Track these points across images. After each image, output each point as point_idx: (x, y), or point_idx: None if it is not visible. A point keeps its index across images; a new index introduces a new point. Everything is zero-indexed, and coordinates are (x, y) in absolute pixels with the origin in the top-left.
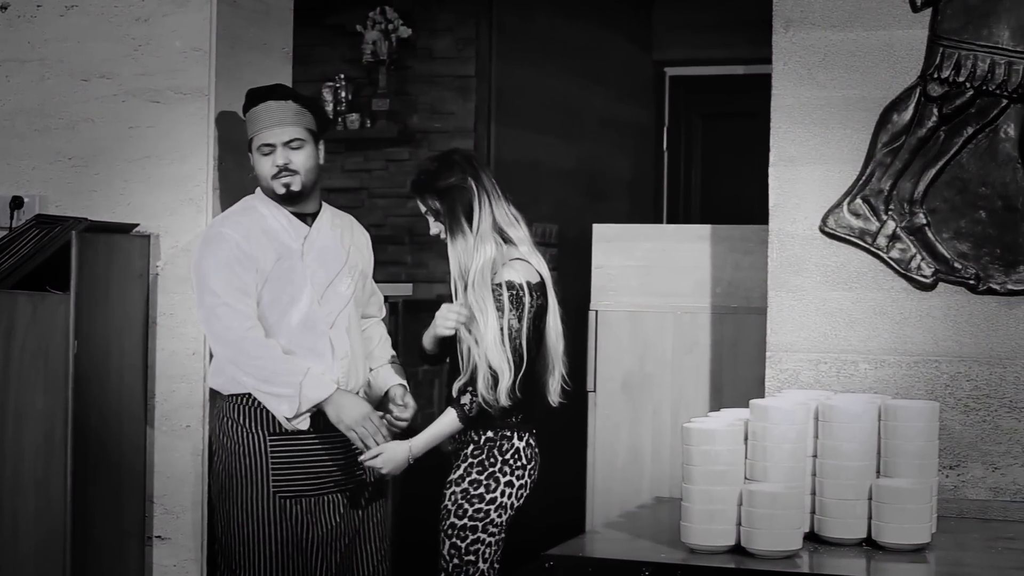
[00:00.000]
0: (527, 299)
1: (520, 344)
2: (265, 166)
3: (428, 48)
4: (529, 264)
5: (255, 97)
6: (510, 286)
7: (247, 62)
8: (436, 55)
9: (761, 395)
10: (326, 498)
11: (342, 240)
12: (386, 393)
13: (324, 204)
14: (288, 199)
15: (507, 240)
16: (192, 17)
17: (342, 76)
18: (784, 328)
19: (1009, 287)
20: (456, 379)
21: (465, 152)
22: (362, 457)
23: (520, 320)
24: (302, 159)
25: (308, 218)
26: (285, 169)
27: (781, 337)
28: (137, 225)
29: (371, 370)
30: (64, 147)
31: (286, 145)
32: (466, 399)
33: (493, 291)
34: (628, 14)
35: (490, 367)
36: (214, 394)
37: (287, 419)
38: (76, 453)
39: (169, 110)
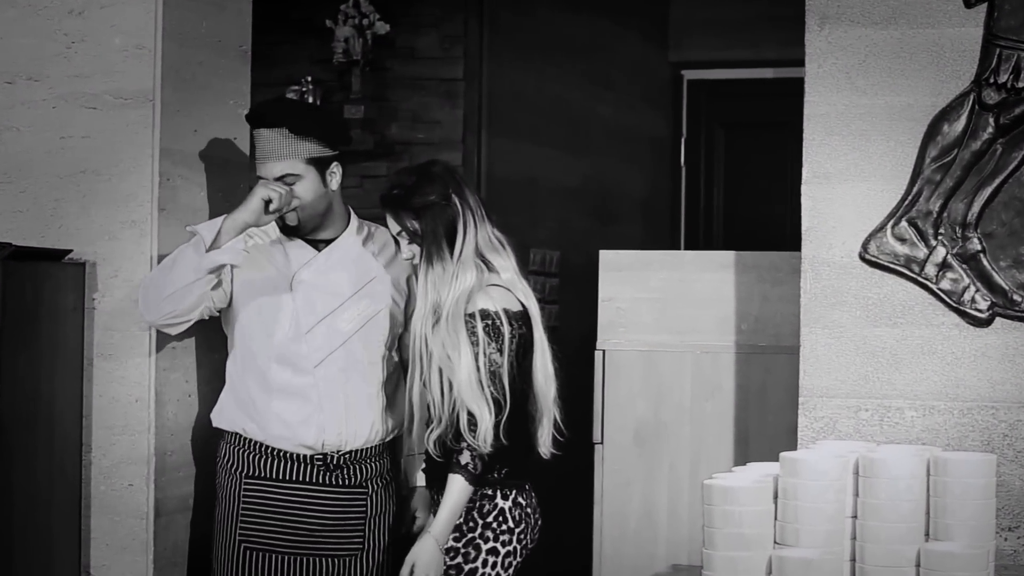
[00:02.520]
0: (505, 329)
1: (502, 381)
2: None
3: (409, 47)
4: (509, 292)
5: (250, 120)
6: (484, 315)
7: (198, 62)
8: (419, 55)
9: (793, 447)
10: (305, 560)
11: (363, 268)
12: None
13: (357, 225)
14: (292, 233)
15: (489, 267)
16: (134, 10)
17: (309, 79)
18: (819, 370)
19: None
20: (428, 430)
21: (446, 164)
22: None
23: (501, 353)
24: (298, 193)
25: (323, 244)
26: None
27: (816, 380)
28: (70, 251)
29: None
30: None
31: (279, 180)
32: (465, 458)
33: (466, 322)
34: (641, 8)
35: (467, 410)
36: (218, 432)
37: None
38: None
39: (107, 117)
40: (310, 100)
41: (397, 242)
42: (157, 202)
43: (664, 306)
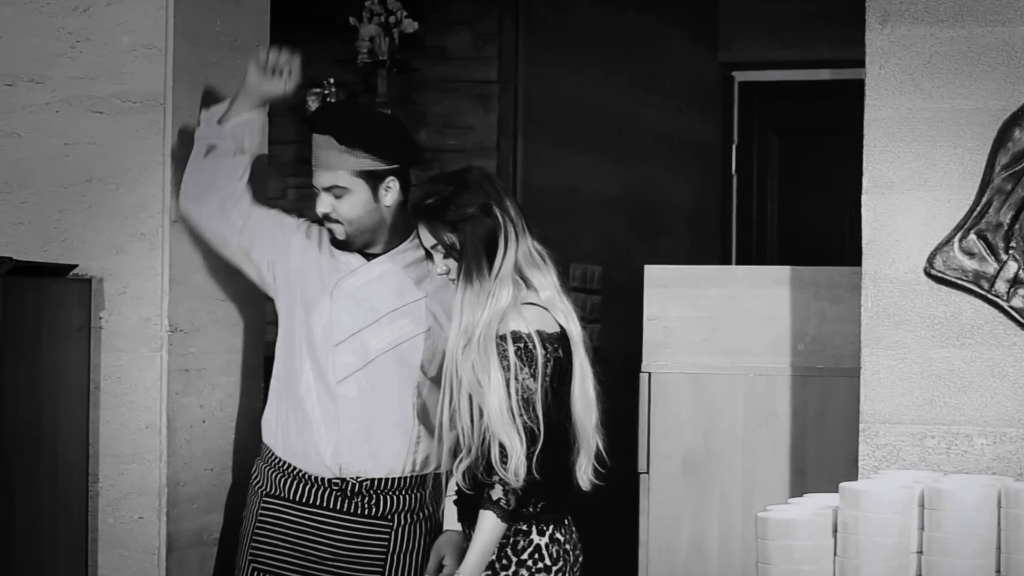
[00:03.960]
0: (539, 352)
1: (536, 410)
2: (316, 206)
3: (439, 46)
4: (545, 311)
5: (307, 122)
6: (516, 337)
7: (213, 62)
8: (449, 55)
9: (853, 477)
10: None
11: (409, 287)
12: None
13: (416, 245)
14: (341, 247)
15: (527, 283)
16: (143, 6)
17: (331, 81)
18: (882, 394)
19: None
20: (457, 460)
21: (484, 171)
22: None
23: (535, 379)
24: (345, 208)
25: (371, 258)
26: (327, 218)
27: (878, 405)
28: (75, 266)
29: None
30: None
31: (328, 191)
32: (497, 492)
33: (497, 345)
34: (689, 5)
35: (499, 441)
36: None
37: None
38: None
39: (115, 122)
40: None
41: (430, 255)
42: (168, 213)
43: (714, 325)
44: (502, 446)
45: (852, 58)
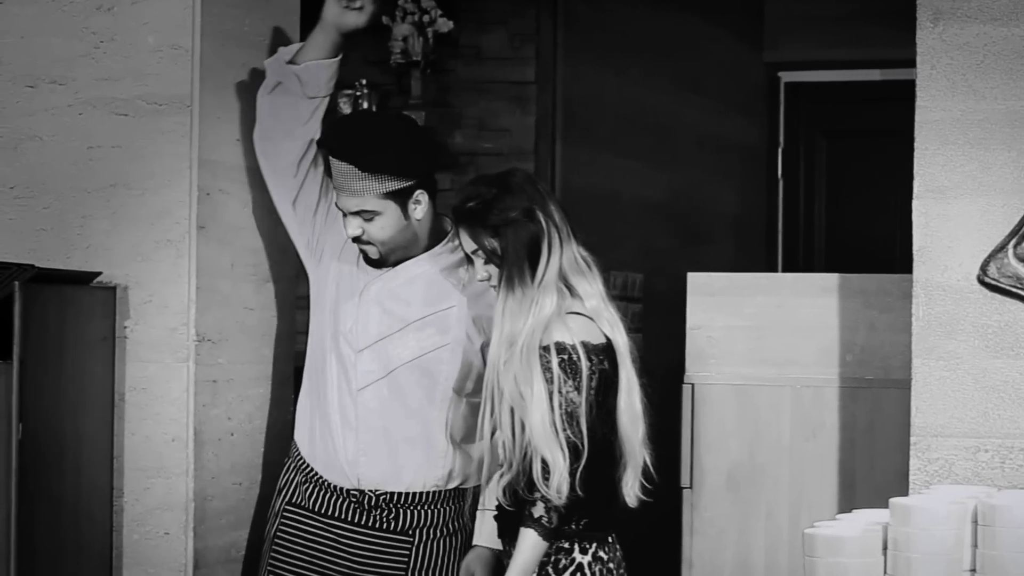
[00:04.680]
0: (583, 364)
1: (579, 424)
2: (344, 227)
3: (475, 46)
4: (591, 321)
5: (318, 146)
6: (560, 348)
7: (241, 63)
8: (485, 55)
9: (904, 492)
10: None
11: (440, 295)
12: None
13: (450, 248)
14: (376, 265)
15: (572, 292)
16: (169, 5)
17: (364, 82)
18: (933, 406)
19: None
20: (498, 475)
21: (528, 174)
22: None
23: (579, 392)
24: (376, 230)
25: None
26: (358, 240)
27: (929, 418)
28: (99, 274)
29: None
30: (5, 173)
31: (356, 215)
32: (539, 510)
33: (540, 356)
34: (733, 4)
35: (541, 456)
36: None
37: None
38: (21, 567)
39: (140, 125)
40: (365, 106)
41: (470, 260)
42: (196, 219)
43: (760, 335)
44: (544, 462)
45: (902, 58)
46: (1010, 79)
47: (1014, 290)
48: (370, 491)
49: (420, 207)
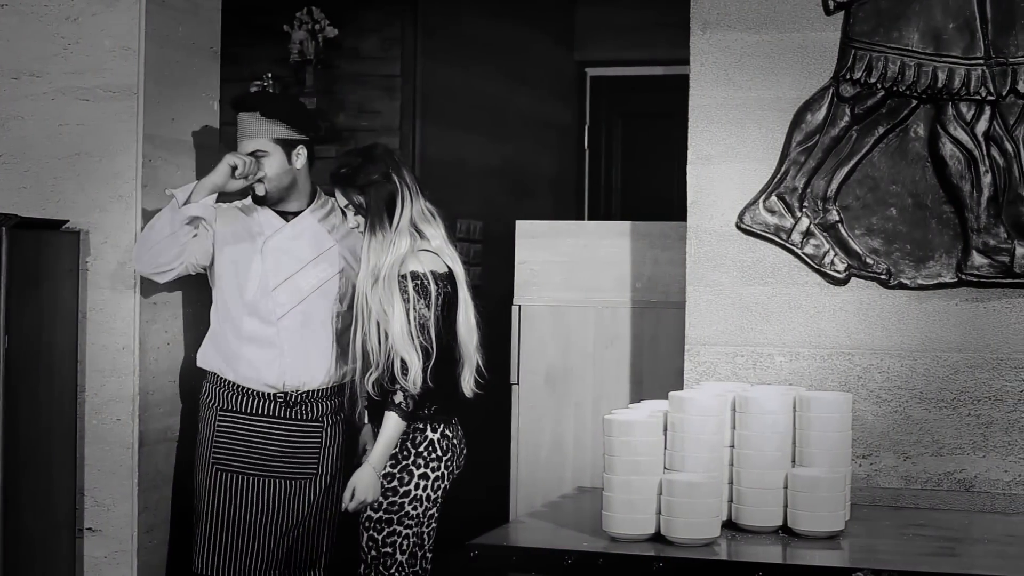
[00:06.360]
0: (432, 288)
1: (430, 332)
2: None
3: (354, 48)
4: (437, 256)
5: (233, 106)
6: (414, 276)
7: (176, 60)
8: (362, 55)
9: (680, 387)
10: (268, 481)
11: (326, 237)
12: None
13: (324, 202)
14: (260, 202)
15: (421, 235)
16: (121, 16)
17: (270, 75)
18: (702, 322)
19: (919, 282)
20: (367, 374)
21: (385, 146)
22: (346, 505)
23: (429, 308)
24: (265, 168)
25: (290, 216)
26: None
27: (699, 331)
28: (67, 222)
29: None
30: None
31: (252, 156)
32: (399, 398)
33: (399, 282)
34: (552, 15)
35: (400, 357)
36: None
37: (180, 205)
38: (6, 446)
39: (99, 108)
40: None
41: (344, 213)
42: (141, 179)
43: (571, 268)
44: (403, 361)
45: (680, 57)
46: (761, 73)
47: (763, 234)
48: (292, 391)
49: (300, 159)
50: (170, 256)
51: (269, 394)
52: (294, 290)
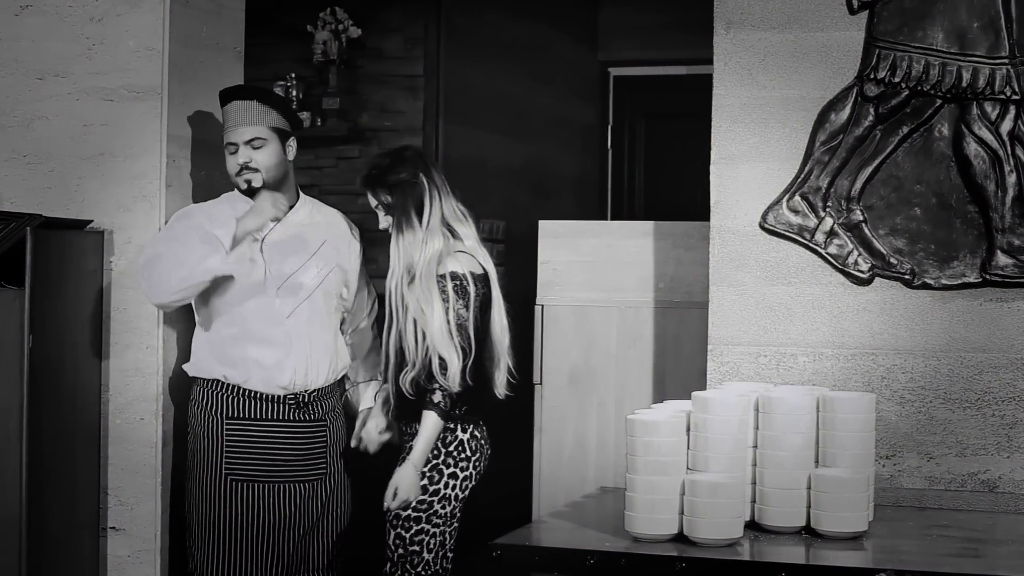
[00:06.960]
0: (471, 288)
1: (468, 332)
2: (230, 164)
3: (378, 48)
4: (473, 257)
5: (223, 97)
6: (454, 276)
7: (199, 61)
8: (385, 55)
9: (703, 387)
10: (282, 487)
11: (316, 234)
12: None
13: (305, 198)
14: (251, 195)
15: (454, 235)
16: (145, 17)
17: (293, 75)
18: (725, 322)
19: (943, 282)
20: (403, 372)
21: (416, 148)
22: (388, 505)
23: (467, 309)
24: (263, 157)
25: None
26: (246, 167)
27: (722, 331)
28: (91, 222)
29: (346, 379)
30: (19, 144)
31: (248, 144)
32: (438, 397)
33: (437, 282)
34: (575, 15)
35: (439, 356)
36: (192, 379)
37: (220, 266)
38: (31, 445)
39: (122, 108)
40: (294, 94)
41: (376, 214)
42: (164, 179)
43: (594, 268)
44: (442, 359)
45: (703, 57)
46: (784, 73)
47: (787, 234)
48: (302, 391)
49: (292, 151)
50: (194, 294)
51: (279, 397)
52: (298, 287)
